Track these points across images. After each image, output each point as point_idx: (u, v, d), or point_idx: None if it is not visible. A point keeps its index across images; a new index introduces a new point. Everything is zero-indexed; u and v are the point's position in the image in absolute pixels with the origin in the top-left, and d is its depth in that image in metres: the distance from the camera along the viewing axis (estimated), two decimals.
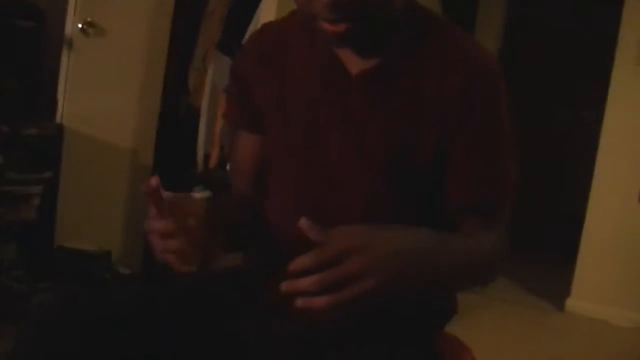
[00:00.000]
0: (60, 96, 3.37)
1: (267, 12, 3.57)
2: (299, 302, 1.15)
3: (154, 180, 1.24)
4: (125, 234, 3.73)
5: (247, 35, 3.54)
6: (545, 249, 5.82)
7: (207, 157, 4.02)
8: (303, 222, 1.18)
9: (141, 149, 3.75)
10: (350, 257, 1.16)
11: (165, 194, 1.27)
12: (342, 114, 1.48)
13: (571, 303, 4.42)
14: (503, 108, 1.50)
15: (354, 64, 1.48)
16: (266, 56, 1.57)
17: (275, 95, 1.55)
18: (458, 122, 1.46)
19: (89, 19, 3.35)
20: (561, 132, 6.54)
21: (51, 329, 1.30)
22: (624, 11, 4.21)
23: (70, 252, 3.32)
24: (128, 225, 3.74)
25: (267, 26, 1.70)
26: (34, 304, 1.36)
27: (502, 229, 1.52)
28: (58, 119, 3.37)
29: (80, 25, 3.33)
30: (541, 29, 6.29)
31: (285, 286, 1.16)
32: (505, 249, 1.52)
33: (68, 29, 3.34)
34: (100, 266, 3.35)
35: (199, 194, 1.24)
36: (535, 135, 6.13)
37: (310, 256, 1.16)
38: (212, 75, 4.05)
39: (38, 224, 3.25)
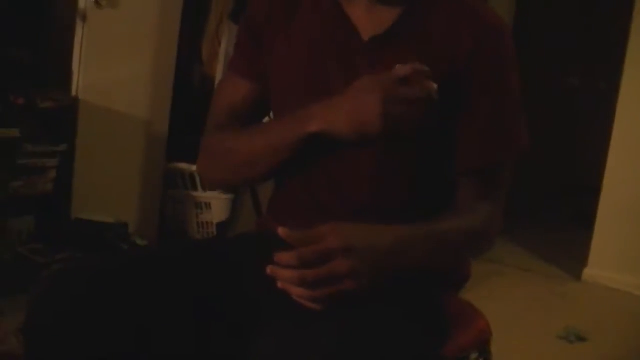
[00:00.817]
0: (74, 68, 3.37)
1: None
2: (280, 283, 1.22)
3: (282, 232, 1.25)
4: (142, 205, 3.74)
5: None
6: (563, 219, 5.81)
7: None
8: (282, 231, 1.24)
9: (156, 119, 3.76)
10: (332, 258, 1.22)
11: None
12: (351, 78, 1.47)
13: (588, 273, 4.42)
14: (512, 68, 1.52)
15: (365, 27, 1.49)
16: (279, 8, 1.57)
17: (286, 44, 1.55)
18: (466, 83, 1.47)
19: None
20: (577, 101, 6.51)
21: (61, 288, 1.31)
22: None
23: (87, 224, 3.33)
24: (144, 196, 3.75)
25: None
26: (51, 274, 1.38)
27: (501, 196, 1.54)
28: (73, 91, 3.37)
29: None
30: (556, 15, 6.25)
31: (269, 269, 1.22)
32: (500, 217, 1.54)
33: (82, 1, 3.34)
34: (117, 237, 3.36)
35: None
36: (551, 105, 6.10)
37: (293, 255, 1.21)
38: (226, 45, 4.04)
39: (54, 196, 3.27)
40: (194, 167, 3.85)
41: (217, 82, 4.08)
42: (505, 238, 1.44)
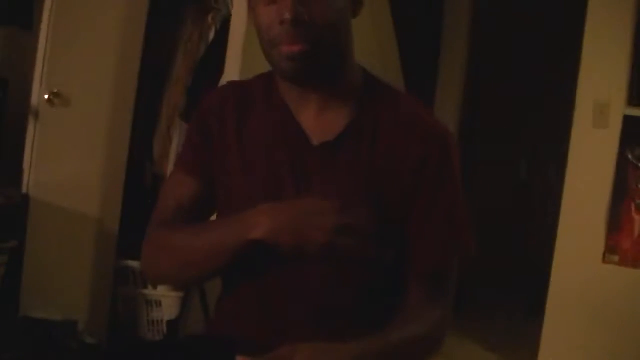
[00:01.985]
0: (25, 165, 3.38)
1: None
2: None
3: None
4: (91, 303, 3.69)
5: None
6: (514, 310, 5.84)
7: None
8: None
9: (107, 217, 3.75)
10: None
11: None
12: (302, 182, 1.53)
13: None
14: (458, 175, 1.58)
15: (316, 132, 1.54)
16: (230, 109, 1.61)
17: (238, 152, 1.58)
18: (414, 193, 1.53)
19: (55, 90, 3.37)
20: (526, 192, 6.61)
21: None
22: (580, 74, 4.30)
23: (35, 322, 3.29)
24: (94, 294, 3.71)
25: (233, 83, 1.77)
26: None
27: (449, 299, 1.59)
28: (24, 188, 3.37)
29: (46, 96, 3.35)
30: (501, 100, 6.39)
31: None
32: (448, 319, 1.58)
33: (34, 99, 3.36)
34: (66, 336, 3.31)
35: None
36: (499, 196, 6.19)
37: None
38: (177, 144, 4.07)
39: (2, 293, 3.23)
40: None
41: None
42: (456, 331, 1.47)
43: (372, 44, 4.55)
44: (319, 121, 1.55)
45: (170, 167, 4.07)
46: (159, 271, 1.64)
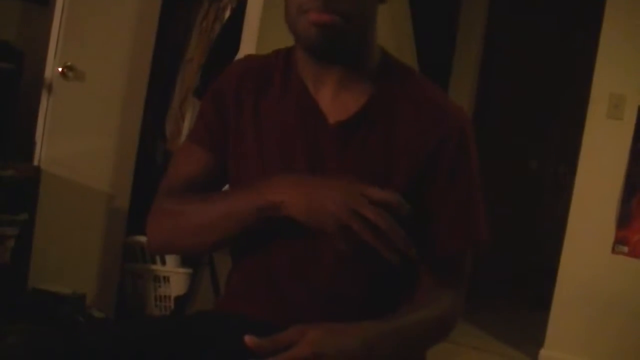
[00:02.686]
0: (38, 138, 3.38)
1: None
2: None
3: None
4: (100, 277, 3.71)
5: None
6: (520, 301, 5.84)
7: None
8: (249, 340, 1.26)
9: (117, 193, 3.76)
10: None
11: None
12: (316, 162, 1.51)
13: (544, 354, 4.42)
14: (475, 162, 1.55)
15: (332, 111, 1.52)
16: (248, 83, 1.59)
17: (253, 126, 1.57)
18: (430, 177, 1.50)
19: (68, 63, 3.37)
20: (535, 183, 6.60)
21: None
22: (596, 66, 4.29)
23: (44, 295, 3.30)
24: (103, 269, 3.73)
25: (251, 57, 1.74)
26: (4, 346, 1.36)
27: (462, 285, 1.57)
28: (35, 162, 3.38)
29: (60, 69, 3.36)
30: (515, 89, 6.37)
31: (247, 339, 1.26)
32: (460, 306, 1.57)
33: (48, 72, 3.37)
34: (73, 309, 3.33)
35: None
36: (509, 187, 6.18)
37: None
38: (189, 122, 4.08)
39: (12, 265, 3.24)
40: None
41: None
42: (462, 318, 1.46)
43: (389, 36, 4.53)
44: (335, 100, 1.53)
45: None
46: (164, 237, 1.59)
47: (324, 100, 1.54)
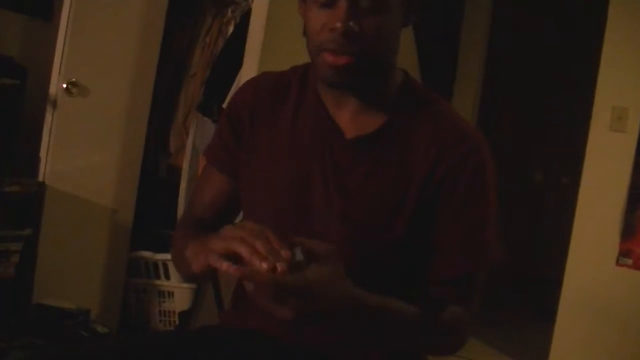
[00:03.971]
0: (42, 154, 3.39)
1: (248, 75, 3.61)
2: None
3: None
4: (104, 292, 3.72)
5: (228, 98, 3.59)
6: (526, 313, 5.83)
7: None
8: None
9: (121, 208, 3.76)
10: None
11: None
12: (332, 177, 1.52)
13: None
14: (492, 184, 1.56)
15: (350, 129, 1.54)
16: (264, 101, 1.62)
17: (269, 144, 1.58)
18: (444, 197, 1.51)
19: (73, 79, 3.39)
20: (539, 196, 6.60)
21: None
22: (599, 78, 4.29)
23: (48, 310, 3.31)
24: (107, 284, 3.73)
25: (267, 74, 1.74)
26: None
27: (470, 302, 1.57)
28: (40, 177, 3.39)
29: (64, 85, 3.37)
30: (518, 100, 6.38)
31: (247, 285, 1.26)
32: (466, 323, 1.56)
33: (52, 88, 3.38)
34: (78, 324, 3.33)
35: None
36: (513, 199, 6.18)
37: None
38: (193, 137, 4.09)
39: (17, 280, 3.24)
40: (157, 256, 3.85)
41: (183, 172, 4.11)
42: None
43: None
44: (355, 120, 1.55)
45: (186, 160, 4.09)
46: (176, 265, 1.71)
47: (343, 121, 1.55)
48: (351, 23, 1.42)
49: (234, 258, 1.24)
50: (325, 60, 1.45)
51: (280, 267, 1.21)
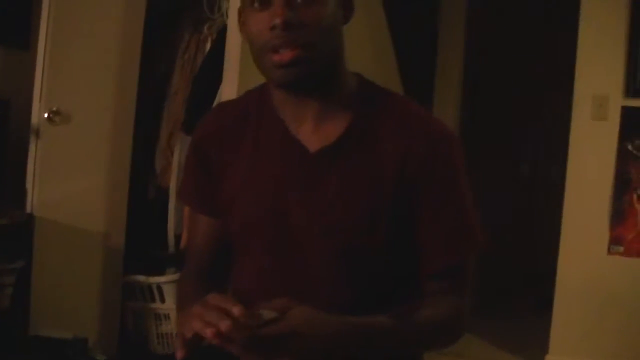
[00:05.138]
0: (29, 184, 3.39)
1: (229, 92, 3.63)
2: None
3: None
4: (101, 318, 3.70)
5: None
6: (523, 306, 5.85)
7: (178, 237, 4.03)
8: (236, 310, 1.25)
9: (112, 232, 3.76)
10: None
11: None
12: (305, 191, 1.53)
13: (550, 359, 4.43)
14: (462, 172, 1.57)
15: (313, 141, 1.55)
16: (226, 132, 1.62)
17: (237, 173, 1.59)
18: (420, 191, 1.52)
19: (54, 108, 3.38)
20: (527, 187, 6.63)
21: None
22: (577, 69, 4.32)
23: (45, 341, 3.29)
24: (103, 310, 3.72)
25: (224, 104, 1.80)
26: None
27: (464, 291, 1.59)
28: (28, 208, 3.38)
29: (46, 114, 3.36)
30: (499, 97, 6.40)
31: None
32: (465, 312, 1.58)
33: (34, 118, 3.37)
34: (76, 353, 3.32)
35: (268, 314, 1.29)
36: (502, 193, 6.20)
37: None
38: (179, 156, 4.09)
39: (12, 313, 3.23)
40: (151, 279, 3.84)
41: (171, 192, 4.11)
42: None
43: (370, 52, 4.56)
44: (316, 132, 1.55)
45: (172, 179, 4.09)
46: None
47: (305, 134, 1.56)
48: (289, 15, 1.43)
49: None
50: (272, 60, 1.46)
51: (223, 325, 1.22)
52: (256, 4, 1.47)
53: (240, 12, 1.55)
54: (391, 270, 1.56)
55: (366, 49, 4.43)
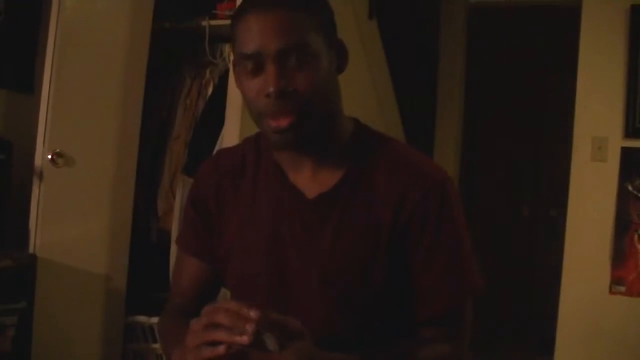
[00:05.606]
0: (32, 226, 3.40)
1: (230, 135, 3.66)
2: None
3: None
4: None
5: None
6: (525, 348, 5.82)
7: None
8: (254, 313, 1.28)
9: (114, 274, 3.76)
10: None
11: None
12: (302, 238, 1.55)
13: None
14: (458, 216, 1.57)
15: (311, 188, 1.57)
16: (224, 181, 1.65)
17: (235, 220, 1.61)
18: (414, 236, 1.53)
19: (57, 150, 3.41)
20: (529, 229, 6.63)
21: None
22: (576, 110, 4.34)
23: None
24: (104, 351, 3.71)
25: (222, 152, 1.80)
26: None
27: (462, 338, 1.59)
28: (31, 249, 3.39)
29: (49, 156, 3.39)
30: (499, 139, 6.43)
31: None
32: (463, 357, 1.58)
33: (38, 160, 3.40)
34: None
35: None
36: (504, 235, 6.20)
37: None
38: (181, 198, 4.10)
39: (13, 354, 3.23)
40: (152, 320, 3.84)
41: (173, 235, 4.12)
42: None
43: (372, 98, 4.59)
44: (314, 179, 1.57)
45: (175, 222, 4.10)
46: (163, 353, 1.77)
47: (303, 181, 1.58)
48: (282, 83, 1.44)
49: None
50: (269, 125, 1.47)
51: (242, 339, 1.24)
52: (250, 70, 1.48)
53: (235, 64, 1.56)
54: (388, 315, 1.57)
55: (367, 90, 4.47)
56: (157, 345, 3.85)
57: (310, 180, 1.57)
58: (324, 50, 1.50)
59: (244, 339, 1.23)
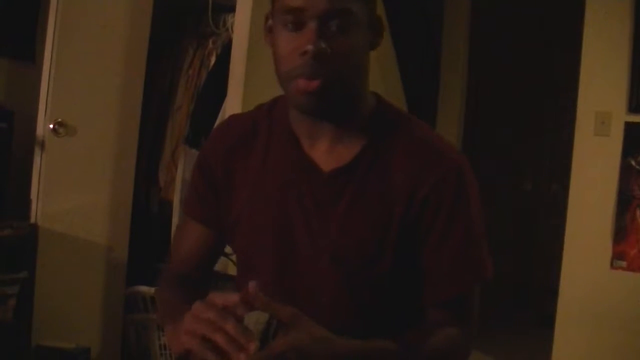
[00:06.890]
0: (33, 196, 3.40)
1: (233, 106, 3.64)
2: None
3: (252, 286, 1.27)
4: (103, 330, 3.71)
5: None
6: (526, 322, 5.84)
7: None
8: (251, 285, 1.26)
9: (115, 244, 3.77)
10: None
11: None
12: (314, 214, 1.52)
13: None
14: (474, 200, 1.54)
15: (326, 161, 1.53)
16: (234, 147, 1.61)
17: (244, 189, 1.58)
18: (428, 219, 1.50)
19: (59, 119, 3.40)
20: (531, 204, 6.64)
21: None
22: (580, 85, 4.32)
23: (48, 351, 3.30)
24: (105, 321, 3.73)
25: (234, 118, 1.75)
26: None
27: (469, 322, 1.57)
28: (32, 219, 3.39)
29: (51, 126, 3.38)
30: (502, 114, 6.41)
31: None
32: (469, 342, 1.57)
33: (39, 129, 3.39)
34: None
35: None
36: (506, 210, 6.20)
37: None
38: (182, 170, 4.10)
39: (15, 323, 3.24)
40: (153, 290, 3.85)
41: (174, 206, 4.12)
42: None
43: (376, 72, 4.57)
44: (330, 152, 1.54)
45: (176, 193, 4.11)
46: (160, 323, 1.73)
47: (318, 153, 1.54)
48: (322, 45, 1.41)
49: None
50: (299, 87, 1.43)
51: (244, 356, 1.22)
52: (289, 25, 1.44)
53: (268, 18, 1.53)
54: (396, 296, 1.55)
55: (373, 75, 4.44)
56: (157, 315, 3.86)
57: (326, 153, 1.53)
58: (364, 21, 1.47)
59: (241, 358, 1.23)
